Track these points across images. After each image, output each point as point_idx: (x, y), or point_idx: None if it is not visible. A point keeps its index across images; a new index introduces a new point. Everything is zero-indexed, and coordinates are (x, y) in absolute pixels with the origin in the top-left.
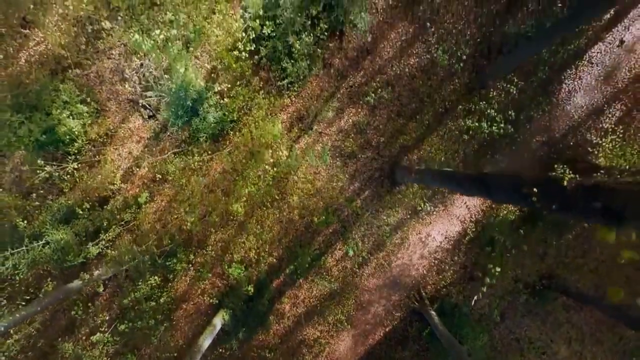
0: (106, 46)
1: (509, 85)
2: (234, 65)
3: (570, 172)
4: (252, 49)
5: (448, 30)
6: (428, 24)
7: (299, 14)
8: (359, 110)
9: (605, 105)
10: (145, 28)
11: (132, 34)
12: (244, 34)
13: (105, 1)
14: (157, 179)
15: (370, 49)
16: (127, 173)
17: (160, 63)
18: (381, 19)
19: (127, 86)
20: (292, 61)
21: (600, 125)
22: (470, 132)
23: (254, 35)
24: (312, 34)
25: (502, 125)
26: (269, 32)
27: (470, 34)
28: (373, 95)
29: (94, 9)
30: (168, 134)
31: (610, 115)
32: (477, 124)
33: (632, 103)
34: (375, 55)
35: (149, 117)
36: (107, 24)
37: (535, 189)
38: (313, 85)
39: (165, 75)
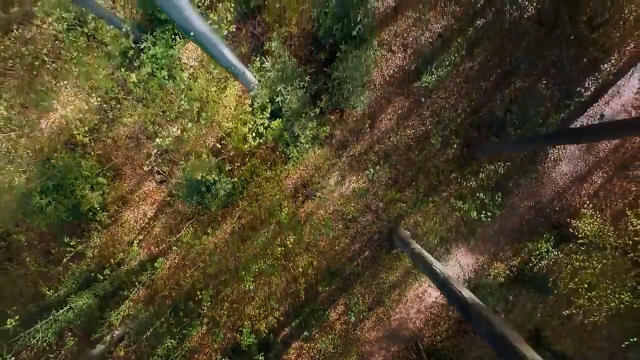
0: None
1: (497, 166)
2: (243, 149)
3: (552, 248)
4: (260, 140)
5: (441, 105)
6: (422, 98)
7: (303, 108)
8: (359, 177)
9: (588, 173)
10: (158, 104)
11: (153, 136)
12: (253, 134)
13: (124, 85)
14: (173, 250)
15: (369, 123)
16: (142, 236)
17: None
18: (379, 94)
19: (144, 166)
20: (297, 148)
21: (584, 192)
22: (462, 212)
23: (262, 129)
24: (316, 121)
25: (489, 213)
26: (276, 126)
27: (462, 109)
28: (372, 169)
29: (115, 103)
30: (180, 199)
31: (592, 183)
32: (467, 207)
33: (612, 171)
34: (374, 128)
35: (161, 181)
36: (128, 119)
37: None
38: (316, 154)
39: (181, 162)
